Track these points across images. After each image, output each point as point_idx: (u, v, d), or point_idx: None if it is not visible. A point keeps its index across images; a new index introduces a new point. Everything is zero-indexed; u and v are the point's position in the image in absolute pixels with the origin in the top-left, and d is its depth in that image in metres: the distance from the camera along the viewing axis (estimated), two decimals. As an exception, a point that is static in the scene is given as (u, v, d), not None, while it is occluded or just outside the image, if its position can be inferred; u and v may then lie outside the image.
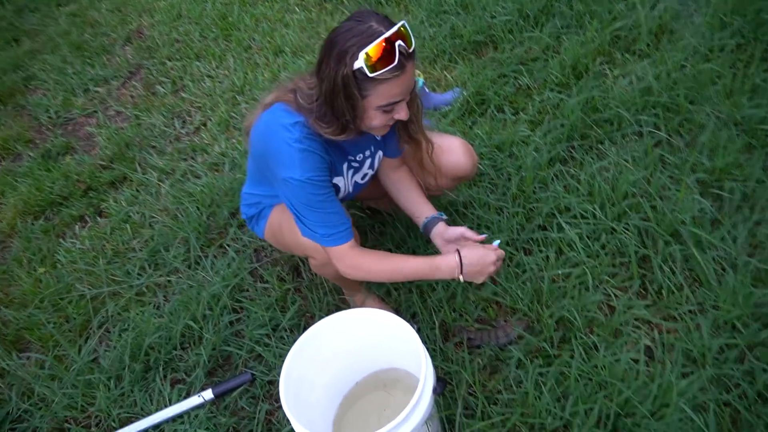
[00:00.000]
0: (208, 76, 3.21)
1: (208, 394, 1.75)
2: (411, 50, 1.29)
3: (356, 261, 1.47)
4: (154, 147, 2.86)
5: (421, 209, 1.68)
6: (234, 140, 2.73)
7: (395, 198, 1.76)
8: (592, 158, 2.08)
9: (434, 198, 1.98)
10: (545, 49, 2.58)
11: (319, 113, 1.37)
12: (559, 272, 1.75)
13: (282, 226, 1.62)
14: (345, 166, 1.58)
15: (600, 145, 2.13)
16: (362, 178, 1.68)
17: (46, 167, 2.87)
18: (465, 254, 1.45)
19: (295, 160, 1.37)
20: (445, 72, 2.71)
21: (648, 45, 2.46)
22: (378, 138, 1.62)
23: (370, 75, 1.26)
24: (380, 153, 1.69)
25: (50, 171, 2.83)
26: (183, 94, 3.14)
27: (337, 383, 1.61)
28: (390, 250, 1.94)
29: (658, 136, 2.06)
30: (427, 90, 2.49)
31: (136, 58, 3.59)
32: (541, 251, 1.84)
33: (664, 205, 1.82)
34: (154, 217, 2.44)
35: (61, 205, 2.65)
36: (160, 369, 1.85)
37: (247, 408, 1.72)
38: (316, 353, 1.48)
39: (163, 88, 3.23)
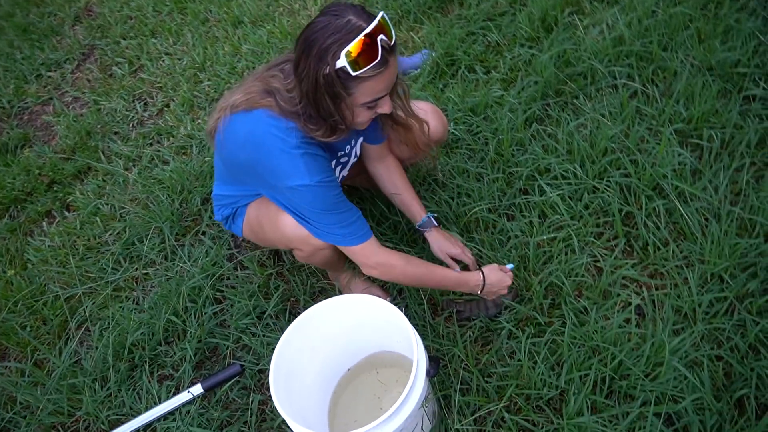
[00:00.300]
0: (167, 54, 3.04)
1: (197, 389, 1.69)
2: (393, 43, 1.21)
3: (386, 260, 1.44)
4: (117, 133, 2.71)
5: (412, 210, 1.72)
6: (199, 121, 2.60)
7: (385, 191, 1.74)
8: (569, 115, 2.01)
9: (415, 169, 1.91)
10: (512, 3, 2.47)
11: (305, 116, 1.29)
12: (544, 237, 1.70)
13: (261, 222, 1.54)
14: (334, 163, 1.54)
15: (575, 101, 2.06)
16: (347, 171, 1.64)
17: (5, 162, 2.70)
18: (487, 274, 1.57)
19: (300, 167, 1.30)
20: (411, 33, 2.59)
21: (616, -9, 2.36)
22: None
23: (354, 74, 1.18)
24: (360, 139, 1.63)
25: (9, 165, 2.66)
26: (142, 75, 2.97)
27: (329, 371, 1.56)
28: (372, 228, 1.87)
29: (633, 87, 1.99)
30: (394, 54, 2.38)
31: (87, 38, 3.37)
32: (524, 216, 1.79)
33: (644, 159, 1.76)
34: (124, 207, 2.32)
35: (25, 201, 2.51)
36: (146, 366, 1.78)
37: (239, 400, 1.66)
38: (305, 342, 1.42)
39: (120, 69, 3.05)
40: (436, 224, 1.72)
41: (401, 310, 1.35)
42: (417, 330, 1.61)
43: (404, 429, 1.23)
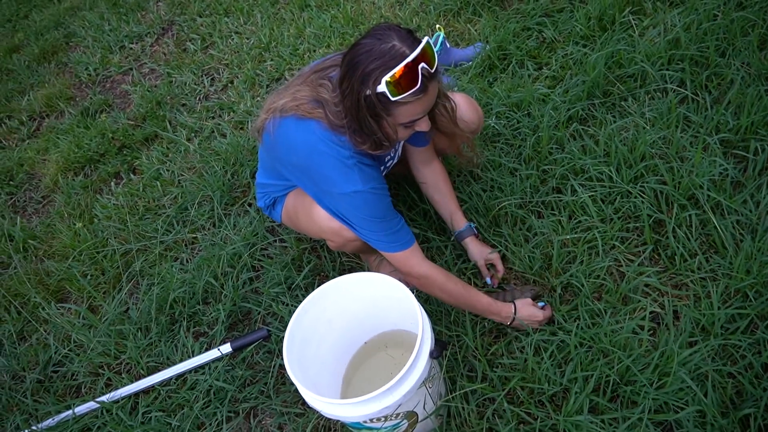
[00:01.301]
0: (236, 33, 3.16)
1: (226, 348, 1.79)
2: (434, 70, 1.24)
3: (428, 272, 1.46)
4: (184, 105, 2.86)
5: (455, 218, 1.74)
6: (258, 98, 2.70)
7: (428, 197, 1.77)
8: (614, 117, 1.96)
9: (455, 168, 1.92)
10: None
11: (351, 129, 1.34)
12: (568, 237, 1.68)
13: (297, 212, 1.62)
14: (382, 169, 1.59)
15: (623, 103, 2.00)
16: (389, 169, 1.68)
17: (85, 124, 2.91)
18: (519, 308, 1.55)
19: (354, 174, 1.35)
20: (468, 25, 2.58)
21: (682, -8, 2.26)
22: None
23: (393, 99, 1.22)
24: (402, 142, 1.67)
25: (88, 128, 2.87)
26: (212, 51, 3.10)
27: (344, 343, 1.61)
28: (402, 213, 1.90)
29: (683, 92, 1.91)
30: (448, 45, 2.38)
31: (168, 14, 3.55)
32: (553, 214, 1.77)
33: (683, 167, 1.70)
34: (182, 174, 2.46)
35: (99, 162, 2.70)
36: (184, 322, 1.90)
37: (263, 362, 1.75)
38: (322, 314, 1.48)
39: (193, 45, 3.20)
40: (476, 233, 1.74)
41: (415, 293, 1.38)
42: (433, 315, 1.65)
43: (403, 405, 1.27)
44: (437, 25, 2.39)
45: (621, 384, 1.38)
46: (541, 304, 1.59)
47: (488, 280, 1.68)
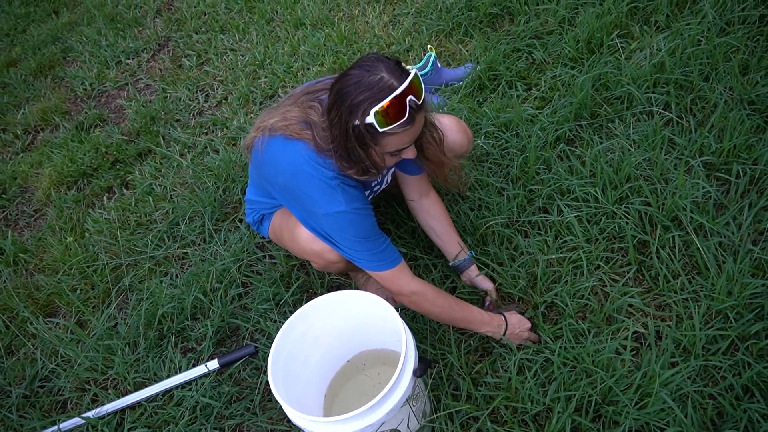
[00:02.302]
0: (231, 50, 3.19)
1: (213, 364, 1.79)
2: (421, 102, 1.27)
3: (419, 288, 1.47)
4: (178, 121, 2.88)
5: (453, 248, 1.72)
6: (252, 115, 2.73)
7: (425, 229, 1.76)
8: (600, 138, 1.99)
9: (443, 189, 1.94)
10: (561, 22, 2.46)
11: (338, 155, 1.36)
12: (554, 256, 1.70)
13: (282, 231, 1.64)
14: (368, 193, 1.61)
15: (610, 124, 2.03)
16: (377, 192, 1.69)
17: (79, 138, 2.93)
18: (508, 317, 1.56)
19: (338, 195, 1.37)
20: (459, 46, 2.62)
21: (668, 16, 2.30)
22: None
23: (381, 130, 1.25)
24: (392, 169, 1.69)
25: (82, 142, 2.89)
26: (207, 68, 3.14)
27: (330, 360, 1.62)
28: (389, 231, 1.92)
29: (668, 115, 1.95)
30: (439, 65, 2.41)
31: (165, 30, 3.58)
32: (539, 234, 1.79)
33: (667, 188, 1.73)
34: (174, 190, 2.47)
35: (92, 176, 2.72)
36: (172, 338, 1.91)
37: (249, 379, 1.76)
38: (308, 330, 1.49)
39: (188, 61, 3.23)
40: (474, 264, 1.73)
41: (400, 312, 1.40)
42: (418, 333, 1.66)
43: (386, 423, 1.28)
44: (429, 45, 2.43)
45: (603, 404, 1.39)
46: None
47: (487, 303, 1.69)
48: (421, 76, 2.37)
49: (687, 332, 1.47)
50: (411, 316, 1.71)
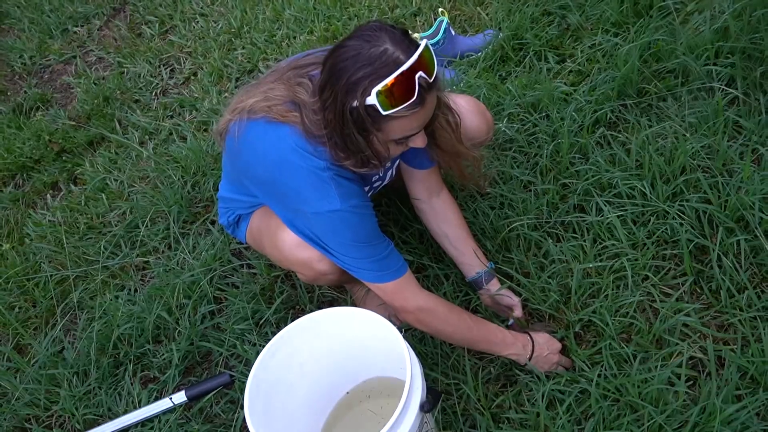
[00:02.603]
0: (202, 15, 3.22)
1: (180, 397, 1.81)
2: (433, 79, 1.26)
3: (428, 304, 1.47)
4: (137, 101, 2.90)
5: (469, 259, 1.71)
6: (227, 94, 2.75)
7: (435, 235, 1.76)
8: (649, 121, 1.99)
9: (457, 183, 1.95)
10: (602, -21, 2.46)
11: (332, 143, 1.36)
12: (592, 265, 1.70)
13: (262, 236, 1.65)
14: (367, 188, 1.61)
15: (662, 104, 2.04)
16: (378, 188, 1.71)
17: (17, 124, 2.96)
18: (535, 336, 1.57)
19: (331, 190, 1.37)
20: (478, 8, 2.63)
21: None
22: None
23: (384, 113, 1.25)
24: (398, 162, 1.71)
25: (21, 129, 2.92)
26: (172, 37, 3.16)
27: (321, 392, 1.63)
28: (392, 234, 1.93)
29: (733, 92, 1.95)
30: (452, 32, 2.43)
31: (121, -9, 3.62)
32: (574, 238, 1.80)
33: (730, 182, 1.73)
34: (133, 185, 2.50)
35: (32, 170, 2.75)
36: (130, 365, 1.93)
37: (224, 415, 1.77)
38: (294, 356, 1.50)
39: (149, 29, 3.26)
40: (495, 278, 1.73)
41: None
42: (427, 358, 1.67)
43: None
44: (440, 9, 2.44)
45: (652, 445, 1.40)
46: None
47: (510, 321, 1.70)
48: (432, 45, 2.38)
49: (755, 358, 1.47)
50: (419, 338, 1.72)
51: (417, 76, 1.23)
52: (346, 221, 1.40)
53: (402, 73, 1.21)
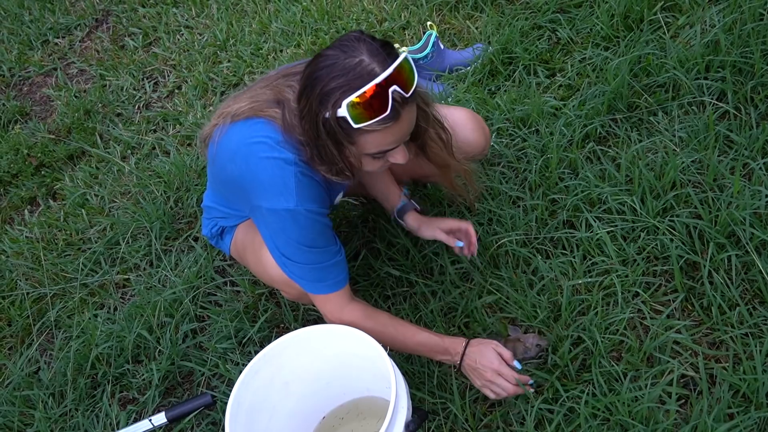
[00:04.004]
0: (186, 27, 3.24)
1: (160, 418, 1.81)
2: (409, 94, 1.27)
3: (351, 319, 1.49)
4: (119, 115, 2.91)
5: (393, 194, 1.81)
6: (211, 108, 2.76)
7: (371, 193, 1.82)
8: (639, 135, 2.02)
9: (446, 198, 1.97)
10: (592, -8, 2.51)
11: (309, 149, 1.38)
12: (581, 282, 1.72)
13: (246, 251, 1.66)
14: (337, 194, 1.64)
15: (652, 118, 2.07)
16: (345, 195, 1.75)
17: (-5, 138, 2.96)
18: (471, 349, 1.54)
19: (290, 186, 1.37)
20: (467, 22, 2.66)
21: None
22: None
23: (355, 126, 1.26)
24: None
25: (-1, 143, 2.92)
26: (156, 49, 3.18)
27: (305, 412, 1.64)
28: (378, 251, 1.95)
29: (724, 107, 1.99)
30: (441, 46, 2.46)
31: (104, 2, 3.63)
32: (563, 254, 1.82)
33: (721, 197, 1.76)
34: (114, 201, 2.50)
35: (10, 184, 2.74)
36: (109, 386, 1.93)
37: (204, 437, 1.77)
38: (277, 375, 1.52)
39: (133, 40, 3.27)
40: (417, 207, 1.79)
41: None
42: (414, 377, 1.68)
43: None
44: (429, 22, 2.47)
45: (642, 465, 1.41)
46: (517, 364, 1.54)
47: (459, 242, 1.72)
48: (421, 59, 2.41)
49: (747, 376, 1.49)
50: (405, 357, 1.73)
51: (391, 90, 1.24)
52: (297, 222, 1.40)
53: (374, 86, 1.22)
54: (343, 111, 1.25)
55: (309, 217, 1.40)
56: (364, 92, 1.22)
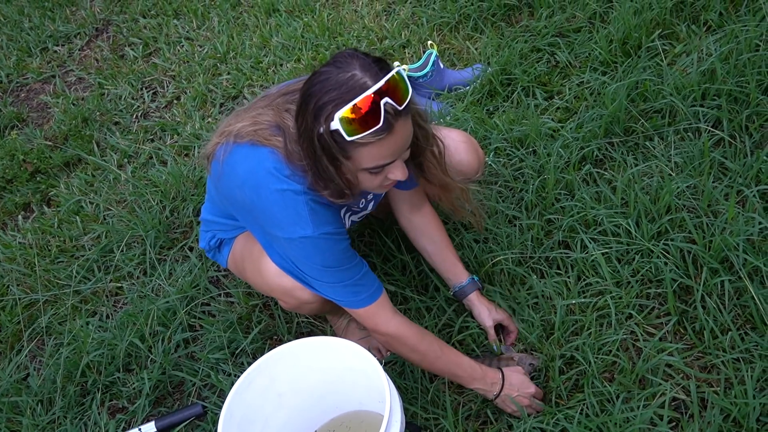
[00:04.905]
0: (187, 39, 3.26)
1: (150, 428, 1.80)
2: (403, 107, 1.29)
3: (398, 331, 1.51)
4: (117, 124, 2.93)
5: (449, 272, 1.79)
6: (209, 119, 2.78)
7: (420, 248, 1.82)
8: (636, 159, 2.05)
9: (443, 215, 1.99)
10: (591, 17, 2.55)
11: (311, 173, 1.39)
12: (575, 302, 1.74)
13: (244, 261, 1.68)
14: (344, 210, 1.64)
15: (648, 143, 2.10)
16: (360, 218, 1.75)
17: (-9, 143, 2.97)
18: (508, 375, 1.60)
19: (303, 215, 1.40)
20: (467, 43, 2.70)
21: (720, 14, 2.40)
22: None
23: (349, 139, 1.27)
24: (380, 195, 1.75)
25: (-6, 148, 2.92)
26: (156, 60, 3.20)
27: (298, 425, 1.64)
28: (374, 266, 1.96)
29: (719, 134, 2.02)
30: (441, 65, 2.49)
31: (104, 11, 3.66)
32: (558, 274, 1.84)
33: (715, 222, 1.79)
34: (109, 209, 2.51)
35: (4, 190, 2.75)
36: (98, 394, 1.92)
37: (194, 447, 1.77)
38: (270, 387, 1.52)
39: (133, 50, 3.30)
40: (480, 287, 1.80)
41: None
42: (407, 392, 1.69)
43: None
44: (429, 42, 2.51)
45: (633, 486, 1.42)
46: None
47: (495, 347, 1.73)
48: (420, 77, 2.44)
49: (738, 400, 1.51)
50: (398, 371, 1.74)
51: (383, 102, 1.25)
52: (317, 247, 1.43)
53: (366, 98, 1.24)
54: (336, 124, 1.26)
55: (329, 239, 1.42)
56: (356, 104, 1.24)
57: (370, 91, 1.24)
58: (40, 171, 2.78)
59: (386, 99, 1.25)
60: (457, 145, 1.77)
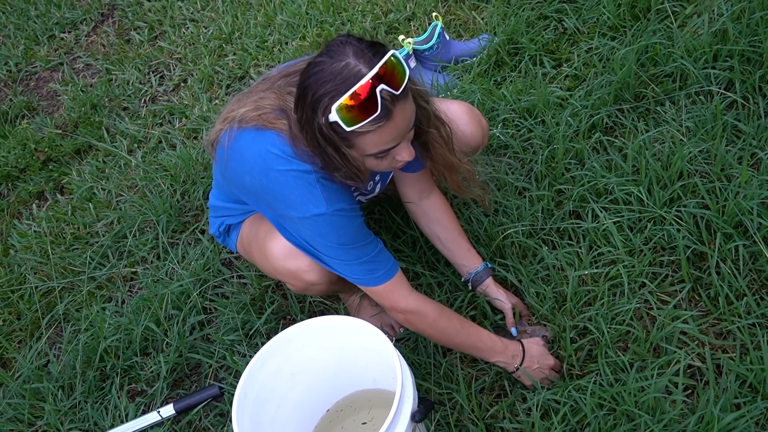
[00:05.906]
0: (192, 20, 3.25)
1: (168, 410, 1.83)
2: (400, 91, 1.27)
3: (417, 306, 1.51)
4: (125, 109, 2.93)
5: (463, 259, 1.78)
6: (217, 101, 2.77)
7: (429, 237, 1.81)
8: (646, 125, 2.02)
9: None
10: (599, -19, 2.50)
11: (319, 159, 1.38)
12: (587, 272, 1.73)
13: (251, 244, 1.67)
14: (359, 196, 1.65)
15: (659, 108, 2.07)
16: (368, 200, 1.75)
17: (2, 133, 2.98)
18: (528, 346, 1.61)
19: (316, 193, 1.39)
20: (473, 13, 2.66)
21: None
22: None
23: (349, 129, 1.26)
24: (391, 173, 1.74)
25: (6, 137, 2.94)
26: (161, 43, 3.19)
27: (312, 403, 1.65)
28: (385, 241, 1.96)
29: (732, 96, 1.98)
30: (447, 37, 2.46)
31: (109, -4, 3.65)
32: (569, 244, 1.83)
33: (728, 187, 1.76)
34: (121, 194, 2.52)
35: (18, 179, 2.77)
36: (117, 378, 1.95)
37: (213, 428, 1.79)
38: (284, 366, 1.53)
39: (138, 34, 3.29)
40: (494, 273, 1.79)
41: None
42: (420, 368, 1.69)
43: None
44: (434, 13, 2.48)
45: (648, 455, 1.42)
46: None
47: (514, 330, 1.73)
48: (426, 50, 2.41)
49: (754, 366, 1.50)
50: (411, 347, 1.74)
51: (379, 89, 1.23)
52: (331, 224, 1.42)
53: (361, 87, 1.22)
54: (334, 116, 1.25)
55: (342, 216, 1.42)
56: (352, 94, 1.23)
57: (365, 80, 1.22)
58: (52, 159, 2.79)
59: (382, 85, 1.23)
60: (459, 116, 1.74)
